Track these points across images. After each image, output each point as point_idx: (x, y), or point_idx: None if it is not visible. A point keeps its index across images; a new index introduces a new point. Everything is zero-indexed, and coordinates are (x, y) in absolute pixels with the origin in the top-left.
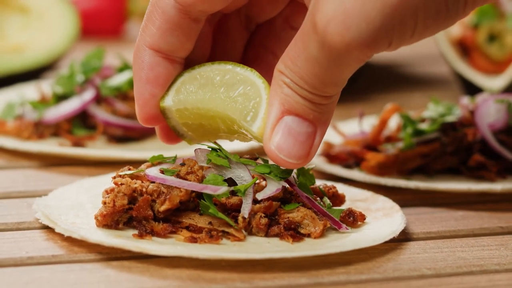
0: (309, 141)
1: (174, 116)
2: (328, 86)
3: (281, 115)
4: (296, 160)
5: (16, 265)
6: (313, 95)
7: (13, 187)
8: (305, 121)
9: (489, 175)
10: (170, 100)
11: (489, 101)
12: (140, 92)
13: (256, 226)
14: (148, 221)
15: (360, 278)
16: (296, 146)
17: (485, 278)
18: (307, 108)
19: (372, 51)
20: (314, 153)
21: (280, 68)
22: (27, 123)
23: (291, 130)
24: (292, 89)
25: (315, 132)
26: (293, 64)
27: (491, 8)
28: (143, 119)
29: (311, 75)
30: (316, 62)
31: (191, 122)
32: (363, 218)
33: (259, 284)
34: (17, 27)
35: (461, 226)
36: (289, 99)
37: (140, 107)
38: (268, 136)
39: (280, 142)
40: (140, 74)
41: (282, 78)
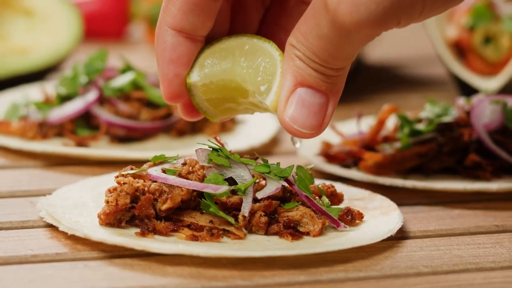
0: (322, 111)
1: (198, 92)
2: (339, 60)
3: (294, 87)
4: (310, 130)
5: (21, 262)
6: (325, 67)
7: (18, 186)
8: (318, 92)
9: (484, 175)
10: (196, 75)
11: (485, 102)
12: (164, 73)
13: (256, 224)
14: (150, 219)
15: (358, 275)
16: (310, 117)
17: (480, 276)
18: (319, 80)
19: (381, 29)
20: (327, 123)
21: (292, 42)
22: (31, 124)
23: (304, 101)
24: (304, 62)
25: (328, 102)
26: (304, 39)
27: (486, 11)
28: (169, 98)
29: (322, 50)
30: (327, 39)
31: (214, 97)
32: (361, 217)
33: (259, 282)
34: (22, 29)
35: (457, 225)
36: (301, 71)
37: (165, 87)
38: (282, 108)
39: (294, 113)
40: (164, 55)
41: (294, 51)
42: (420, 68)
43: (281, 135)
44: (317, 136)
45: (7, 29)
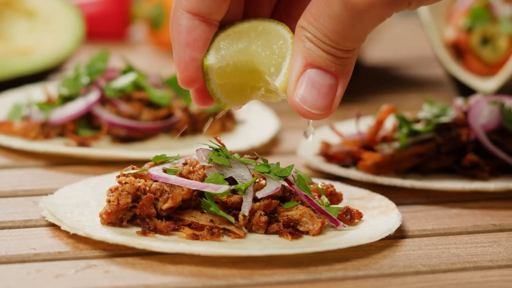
0: (332, 92)
1: (214, 77)
2: (350, 41)
3: (304, 68)
4: (320, 111)
5: (24, 261)
6: (335, 49)
7: (20, 185)
8: (328, 73)
9: (482, 174)
10: (213, 57)
11: (482, 102)
12: (180, 56)
13: (256, 223)
14: (151, 219)
15: (357, 274)
16: (320, 97)
17: (478, 274)
18: (329, 61)
19: (393, 10)
20: (337, 104)
21: (302, 24)
22: (33, 124)
23: (314, 82)
24: (314, 44)
25: (337, 83)
26: (315, 20)
27: (484, 12)
28: (185, 82)
29: (333, 31)
30: (338, 19)
31: (229, 82)
32: (360, 216)
33: (259, 280)
34: (25, 30)
35: (455, 224)
36: (311, 53)
37: (182, 71)
38: (292, 88)
39: (304, 94)
40: (179, 38)
41: (305, 33)
42: (418, 69)
43: (281, 135)
44: (327, 117)
45: (9, 30)
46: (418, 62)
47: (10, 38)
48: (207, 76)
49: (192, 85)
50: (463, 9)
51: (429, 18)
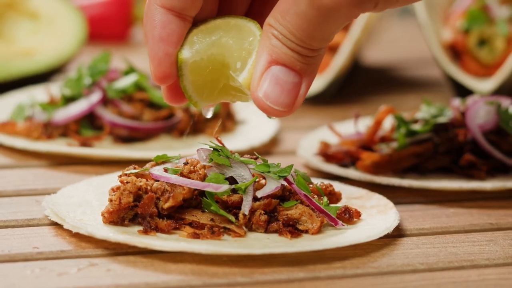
0: (295, 90)
1: (187, 73)
2: (316, 40)
3: (268, 64)
4: (282, 108)
5: (26, 260)
6: (300, 47)
7: (23, 185)
8: (292, 71)
9: (479, 174)
10: (188, 52)
11: (480, 103)
12: (154, 51)
13: (256, 222)
14: (152, 218)
15: (356, 272)
16: (283, 94)
17: (475, 273)
18: (294, 59)
19: (359, 10)
20: (300, 102)
21: (269, 22)
22: (36, 124)
23: (278, 79)
24: (280, 41)
25: (301, 82)
26: (282, 18)
27: (481, 14)
28: (159, 78)
29: (300, 29)
30: (305, 17)
31: (202, 79)
32: (359, 215)
33: (259, 278)
34: (28, 32)
35: (452, 223)
36: (276, 50)
37: (155, 66)
38: (256, 84)
39: (267, 90)
40: (153, 33)
41: (271, 30)
42: (416, 70)
43: (281, 135)
44: (289, 115)
45: (13, 32)
46: (416, 63)
47: (13, 39)
48: (181, 71)
49: (166, 81)
50: (460, 11)
51: (427, 20)
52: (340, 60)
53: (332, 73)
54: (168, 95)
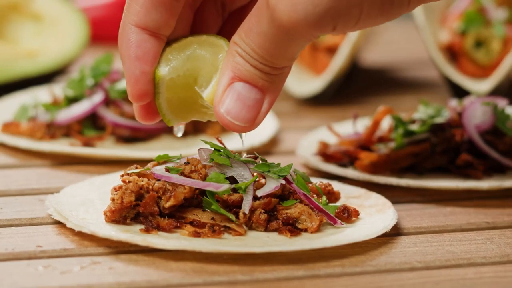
0: (257, 107)
1: (164, 90)
2: (277, 59)
3: (231, 81)
4: (243, 123)
5: (30, 258)
6: (263, 65)
7: (27, 184)
8: (254, 88)
9: (476, 174)
10: (165, 69)
11: (476, 103)
12: (130, 70)
13: (256, 221)
14: (154, 216)
15: (354, 270)
16: (244, 110)
17: (472, 271)
18: (256, 76)
19: (317, 32)
20: (262, 119)
21: (234, 40)
22: (40, 124)
23: (240, 95)
24: (243, 58)
25: (263, 98)
26: (246, 36)
27: (478, 16)
28: (136, 96)
29: (261, 48)
30: (266, 37)
31: (176, 96)
32: (357, 214)
33: (259, 276)
34: (31, 33)
35: (449, 222)
36: (239, 67)
37: (132, 85)
38: (218, 99)
39: (229, 106)
40: (129, 52)
41: (236, 48)
42: (414, 71)
43: (280, 135)
44: (250, 131)
45: (16, 33)
46: (414, 65)
47: (17, 41)
48: (157, 89)
49: (143, 99)
50: (457, 13)
51: (425, 22)
52: (339, 61)
53: (331, 74)
54: (141, 113)
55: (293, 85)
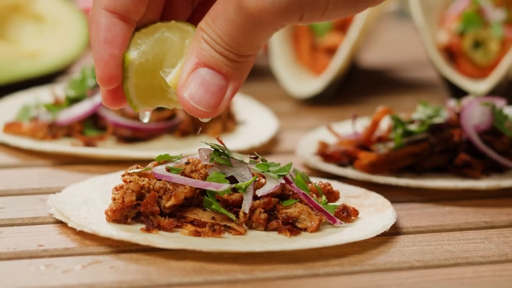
0: (220, 93)
1: (132, 75)
2: (243, 46)
3: (195, 66)
4: (206, 108)
5: (32, 257)
6: (228, 51)
7: (29, 184)
8: (218, 74)
9: (474, 173)
10: (135, 53)
11: (474, 104)
12: (100, 54)
13: (256, 220)
14: (155, 216)
15: (353, 269)
16: (207, 95)
17: (470, 270)
18: (221, 62)
19: (284, 21)
20: (225, 105)
21: (201, 26)
22: (41, 124)
23: (203, 80)
24: (209, 44)
25: (227, 85)
26: (212, 23)
27: (476, 17)
28: (104, 80)
29: (227, 35)
30: (232, 24)
31: (144, 82)
32: (356, 214)
33: (259, 275)
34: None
35: (448, 221)
36: (205, 52)
37: (101, 68)
38: (182, 84)
39: (192, 90)
40: (98, 35)
41: (202, 34)
42: (412, 72)
43: (280, 135)
44: (213, 116)
45: (18, 34)
46: (413, 65)
47: (19, 42)
48: (126, 73)
49: (111, 83)
50: (455, 14)
51: (423, 23)
52: (338, 62)
53: (330, 75)
54: (108, 97)
55: (293, 86)
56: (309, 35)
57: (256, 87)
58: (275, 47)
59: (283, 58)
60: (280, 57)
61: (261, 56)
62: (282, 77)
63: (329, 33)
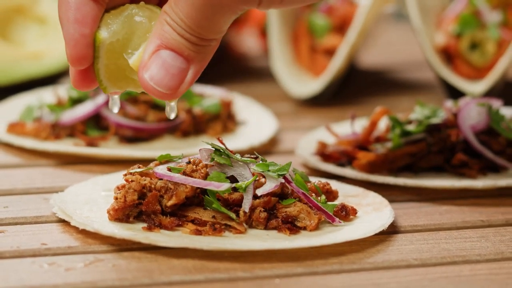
0: (181, 75)
1: (103, 55)
2: (204, 30)
3: (157, 48)
4: (166, 90)
5: (35, 255)
6: (189, 34)
7: (32, 183)
8: (180, 56)
9: (470, 173)
10: (105, 32)
11: (471, 104)
12: (70, 33)
13: (256, 219)
14: (156, 215)
15: (352, 267)
16: (167, 77)
17: (467, 268)
18: (182, 45)
19: (242, 5)
20: (185, 88)
21: (164, 9)
22: (45, 125)
23: (164, 62)
24: (171, 27)
25: (188, 68)
26: (175, 5)
27: (473, 19)
28: (75, 59)
29: (189, 17)
30: (193, 6)
31: (114, 63)
32: (355, 212)
33: (259, 273)
34: (36, 36)
35: (445, 220)
36: (167, 35)
37: (71, 47)
38: (143, 65)
39: (153, 72)
40: (68, 15)
41: (165, 17)
42: (410, 73)
43: (280, 135)
44: (173, 99)
45: (21, 36)
46: (410, 66)
47: (22, 43)
48: (97, 53)
49: (81, 63)
50: (452, 15)
51: (421, 25)
52: (337, 63)
53: (329, 76)
54: (77, 78)
55: (292, 86)
56: (308, 36)
57: (256, 88)
58: (275, 49)
59: (282, 59)
60: (279, 58)
61: (261, 58)
62: (281, 78)
63: (328, 34)
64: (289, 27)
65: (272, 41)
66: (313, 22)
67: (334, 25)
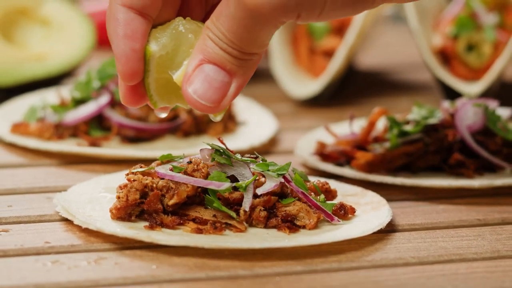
0: (224, 89)
1: (153, 68)
2: (246, 43)
3: (200, 62)
4: (209, 103)
5: (38, 253)
6: (232, 48)
7: (35, 183)
8: (222, 70)
9: (467, 172)
10: (155, 46)
11: (468, 105)
12: (121, 49)
13: (256, 218)
14: (158, 214)
15: (351, 265)
16: (210, 90)
17: (464, 266)
18: (224, 59)
19: (282, 17)
20: (228, 101)
21: (207, 24)
22: (48, 125)
23: (207, 76)
24: (213, 41)
25: (231, 82)
26: (217, 20)
27: (469, 21)
28: (127, 75)
29: (230, 31)
30: (233, 20)
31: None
32: (353, 211)
33: (259, 271)
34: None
35: (442, 219)
36: (209, 49)
37: (123, 63)
38: (187, 79)
39: (196, 86)
40: (117, 31)
41: (207, 32)
42: (408, 74)
43: (280, 135)
44: (216, 112)
45: (25, 37)
46: (408, 68)
47: (26, 45)
48: (147, 67)
49: (133, 78)
50: (449, 17)
51: (418, 26)
52: (335, 64)
53: (328, 77)
54: (127, 94)
55: (292, 87)
56: (308, 38)
57: (256, 89)
58: (275, 50)
59: (282, 60)
60: (279, 60)
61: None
62: (281, 79)
63: (327, 36)
64: (289, 29)
65: (272, 43)
66: (312, 24)
67: (333, 27)
